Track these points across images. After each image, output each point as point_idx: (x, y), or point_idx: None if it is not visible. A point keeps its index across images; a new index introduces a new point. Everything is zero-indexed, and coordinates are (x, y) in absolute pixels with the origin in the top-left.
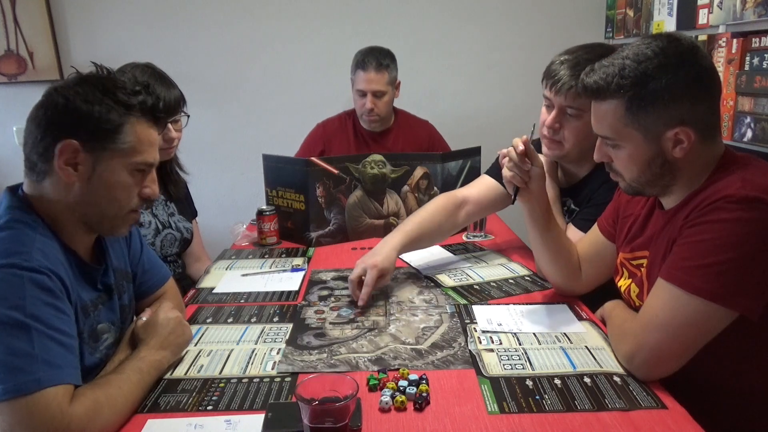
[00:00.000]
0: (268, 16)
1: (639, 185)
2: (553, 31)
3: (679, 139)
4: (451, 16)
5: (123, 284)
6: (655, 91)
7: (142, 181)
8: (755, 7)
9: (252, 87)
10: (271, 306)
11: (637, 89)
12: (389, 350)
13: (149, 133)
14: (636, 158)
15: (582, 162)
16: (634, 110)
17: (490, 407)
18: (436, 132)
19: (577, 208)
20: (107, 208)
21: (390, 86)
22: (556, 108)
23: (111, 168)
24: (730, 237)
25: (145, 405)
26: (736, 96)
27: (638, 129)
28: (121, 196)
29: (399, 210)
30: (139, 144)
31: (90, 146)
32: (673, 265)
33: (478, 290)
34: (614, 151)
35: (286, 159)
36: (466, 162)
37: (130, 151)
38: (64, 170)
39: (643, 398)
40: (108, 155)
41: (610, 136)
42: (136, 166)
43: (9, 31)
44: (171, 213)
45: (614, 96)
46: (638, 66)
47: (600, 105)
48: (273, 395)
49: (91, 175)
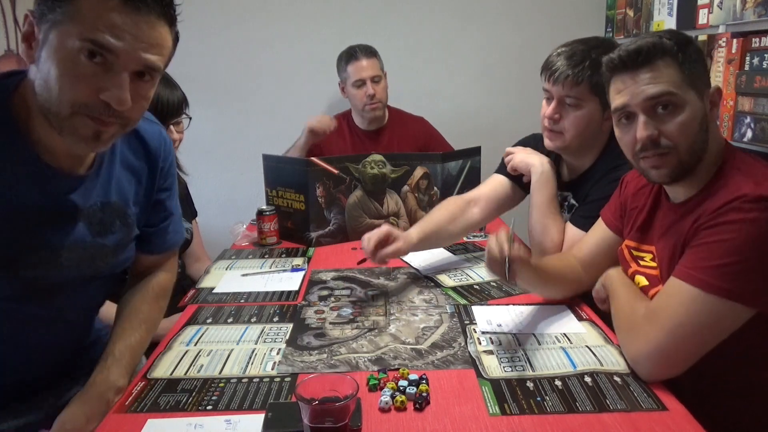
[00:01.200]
0: (268, 17)
1: (689, 157)
2: (553, 31)
3: (715, 100)
4: (451, 17)
5: (111, 220)
6: (696, 51)
7: (100, 78)
8: (755, 7)
9: (252, 87)
10: (271, 306)
11: (683, 48)
12: (389, 350)
13: (111, 9)
14: (694, 118)
15: (583, 153)
16: (687, 67)
17: (491, 409)
18: (432, 128)
19: (576, 203)
20: (54, 102)
21: (382, 72)
22: (555, 98)
23: (55, 47)
24: (747, 237)
25: (145, 405)
26: (736, 96)
27: (692, 86)
28: (66, 89)
29: (399, 210)
30: (86, 17)
31: (40, 18)
32: (689, 265)
33: (478, 290)
34: (671, 117)
35: (286, 159)
36: (466, 162)
37: (72, 25)
38: (23, 48)
39: (644, 400)
40: (53, 30)
41: (674, 91)
42: (81, 46)
43: (9, 31)
44: None
45: (666, 55)
46: (672, 35)
47: (653, 68)
48: (273, 395)
49: (40, 55)
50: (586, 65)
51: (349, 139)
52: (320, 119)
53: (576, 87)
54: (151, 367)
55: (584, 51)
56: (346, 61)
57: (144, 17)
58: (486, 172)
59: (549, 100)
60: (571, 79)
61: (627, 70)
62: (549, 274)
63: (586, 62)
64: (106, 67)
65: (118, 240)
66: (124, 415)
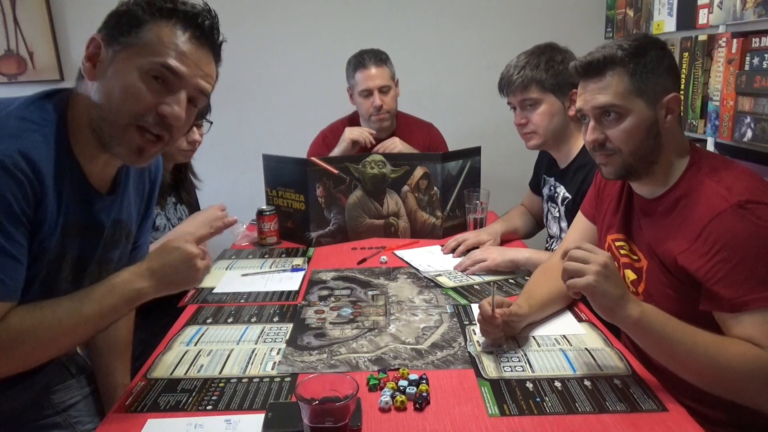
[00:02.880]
0: (268, 17)
1: (634, 161)
2: (553, 31)
3: (671, 107)
4: (452, 17)
5: (118, 238)
6: (652, 60)
7: (161, 95)
8: (755, 7)
9: (252, 87)
10: (271, 306)
11: (638, 59)
12: (389, 350)
13: (180, 41)
14: (639, 125)
15: (563, 142)
16: (638, 77)
17: (490, 410)
18: (437, 134)
19: (569, 195)
20: (113, 113)
21: (392, 81)
22: (517, 106)
23: (123, 66)
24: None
25: (145, 405)
26: (736, 96)
27: (641, 95)
28: (130, 101)
29: (399, 210)
30: (158, 44)
31: (109, 41)
32: (736, 295)
33: (478, 290)
34: (615, 124)
35: (286, 159)
36: (466, 162)
37: (144, 49)
38: (85, 66)
39: (644, 401)
40: (123, 52)
41: (617, 103)
42: (151, 66)
43: (9, 31)
44: (180, 218)
45: (618, 65)
46: (632, 43)
47: (602, 79)
48: (273, 395)
49: (105, 72)
50: (527, 70)
51: None
52: (361, 131)
53: (526, 90)
54: (151, 367)
55: (527, 59)
56: (354, 67)
57: (204, 51)
58: (486, 172)
59: (515, 110)
60: (519, 85)
61: (581, 78)
62: (543, 305)
63: (526, 68)
64: (168, 87)
65: (119, 255)
66: (124, 415)
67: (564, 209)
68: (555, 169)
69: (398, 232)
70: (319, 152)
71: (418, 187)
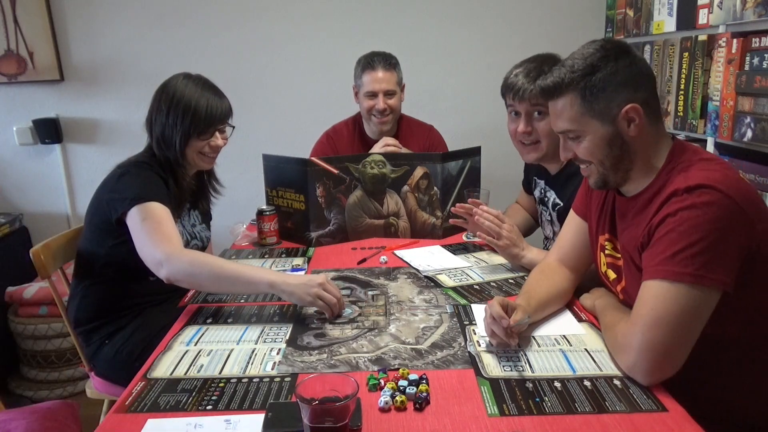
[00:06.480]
0: (268, 17)
1: (606, 171)
2: (553, 31)
3: (631, 117)
4: (452, 17)
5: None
6: (603, 78)
7: None
8: (755, 7)
9: (252, 87)
10: (271, 306)
11: (587, 79)
12: (389, 350)
13: None
14: (598, 143)
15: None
16: (588, 99)
17: (490, 410)
18: (438, 136)
19: (560, 202)
20: None
21: (398, 87)
22: (524, 114)
23: None
24: (690, 223)
25: (145, 405)
26: (736, 96)
27: (594, 115)
28: None
29: (399, 210)
30: None
31: None
32: (651, 262)
33: (478, 290)
34: (577, 144)
35: (286, 159)
36: (466, 162)
37: None
38: None
39: (644, 401)
40: None
41: (571, 128)
42: None
43: (9, 31)
44: (193, 224)
45: (568, 90)
46: (584, 61)
47: (556, 102)
48: (273, 395)
49: None
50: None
51: (357, 144)
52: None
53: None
54: (151, 367)
55: (536, 68)
56: (362, 68)
57: None
58: (486, 172)
59: (516, 117)
60: (534, 92)
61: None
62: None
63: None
64: None
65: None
66: (124, 415)
67: (556, 215)
68: (545, 173)
69: (398, 232)
70: (324, 152)
71: (418, 187)
